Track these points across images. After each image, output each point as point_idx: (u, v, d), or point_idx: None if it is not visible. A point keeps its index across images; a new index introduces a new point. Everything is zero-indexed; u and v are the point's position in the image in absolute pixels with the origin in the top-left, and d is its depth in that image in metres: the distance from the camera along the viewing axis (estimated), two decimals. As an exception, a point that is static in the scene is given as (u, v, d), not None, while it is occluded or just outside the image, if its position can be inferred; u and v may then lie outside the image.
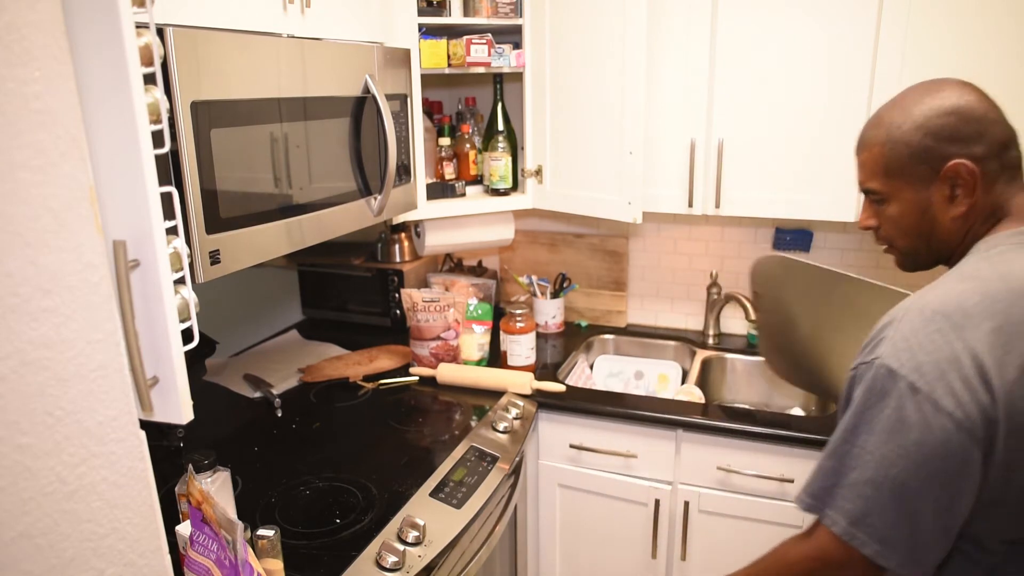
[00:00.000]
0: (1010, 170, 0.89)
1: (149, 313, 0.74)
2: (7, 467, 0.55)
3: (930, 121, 0.88)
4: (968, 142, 0.87)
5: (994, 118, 0.88)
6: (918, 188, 0.91)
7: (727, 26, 1.71)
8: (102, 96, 0.69)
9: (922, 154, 0.89)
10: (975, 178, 0.87)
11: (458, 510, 1.35)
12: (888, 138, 0.92)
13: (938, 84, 0.92)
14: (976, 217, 0.90)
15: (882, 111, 0.95)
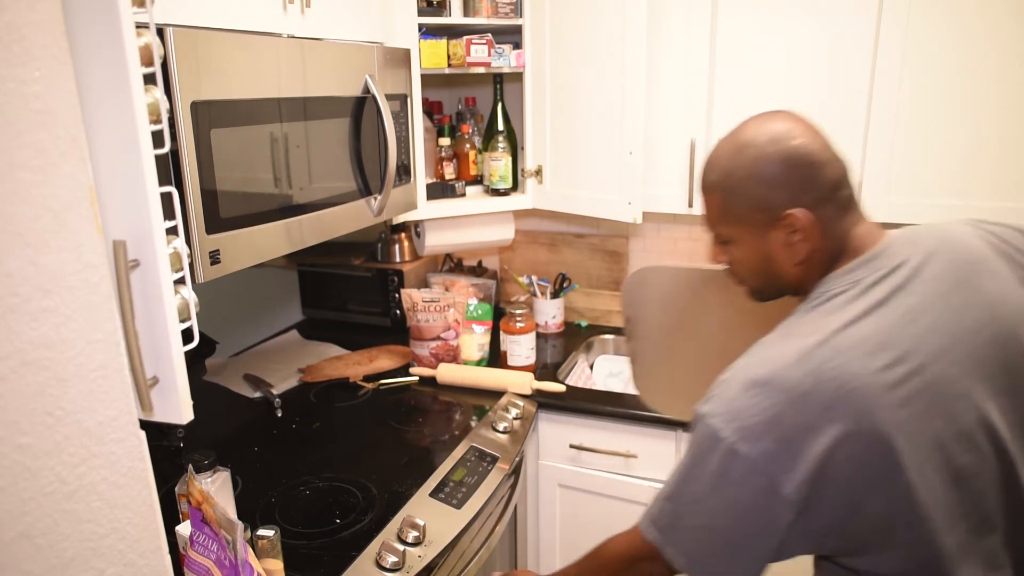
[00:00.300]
0: (845, 207, 0.90)
1: (149, 313, 0.74)
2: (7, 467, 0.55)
3: (763, 170, 0.88)
4: (801, 190, 0.88)
5: (825, 159, 0.88)
6: (758, 234, 0.92)
7: (727, 26, 1.71)
8: (102, 96, 0.69)
9: (758, 203, 0.90)
10: (811, 225, 0.88)
11: (458, 510, 1.35)
12: (725, 186, 0.92)
13: (771, 127, 0.90)
14: (818, 259, 0.91)
15: (719, 154, 0.95)
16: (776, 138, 0.88)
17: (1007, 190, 1.57)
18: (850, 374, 0.78)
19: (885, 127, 1.63)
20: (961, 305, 0.84)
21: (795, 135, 0.88)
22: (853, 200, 0.91)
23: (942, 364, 0.80)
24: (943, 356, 0.80)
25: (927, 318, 0.82)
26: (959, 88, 1.55)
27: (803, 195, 0.88)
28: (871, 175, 1.66)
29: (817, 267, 0.92)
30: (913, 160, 1.63)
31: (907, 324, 0.81)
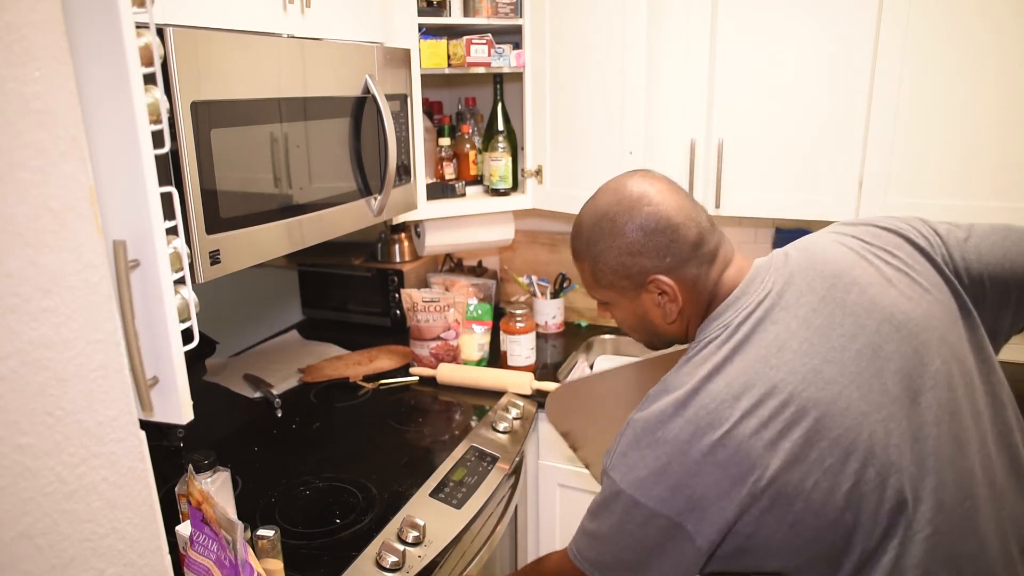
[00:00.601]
0: (709, 261, 0.93)
1: (149, 313, 0.74)
2: (7, 467, 0.55)
3: (623, 239, 0.92)
4: (661, 255, 0.91)
5: (680, 221, 0.91)
6: (630, 298, 0.96)
7: (727, 26, 1.71)
8: (102, 96, 0.69)
9: (622, 271, 0.93)
10: (675, 288, 0.92)
11: (458, 510, 1.35)
12: (590, 254, 0.96)
13: (626, 194, 0.93)
14: (690, 312, 0.95)
15: (581, 222, 0.98)
16: (631, 207, 0.92)
17: (1007, 190, 1.57)
18: (722, 420, 0.81)
19: (885, 127, 1.63)
20: (825, 323, 0.85)
21: (649, 201, 0.91)
22: (716, 250, 0.94)
23: (814, 388, 0.81)
24: (815, 379, 0.82)
25: (793, 344, 0.84)
26: (959, 88, 1.55)
27: (663, 260, 0.91)
28: (871, 175, 1.66)
29: (693, 318, 0.96)
30: (913, 160, 1.63)
31: (771, 356, 0.83)
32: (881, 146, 1.64)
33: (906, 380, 0.84)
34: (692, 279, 0.92)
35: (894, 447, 0.81)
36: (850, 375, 0.83)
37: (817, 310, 0.86)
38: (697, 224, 0.92)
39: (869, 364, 0.84)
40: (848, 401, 0.81)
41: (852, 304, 0.87)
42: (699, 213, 0.94)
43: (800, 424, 0.80)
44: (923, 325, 0.87)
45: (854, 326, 0.85)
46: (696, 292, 0.93)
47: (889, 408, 0.82)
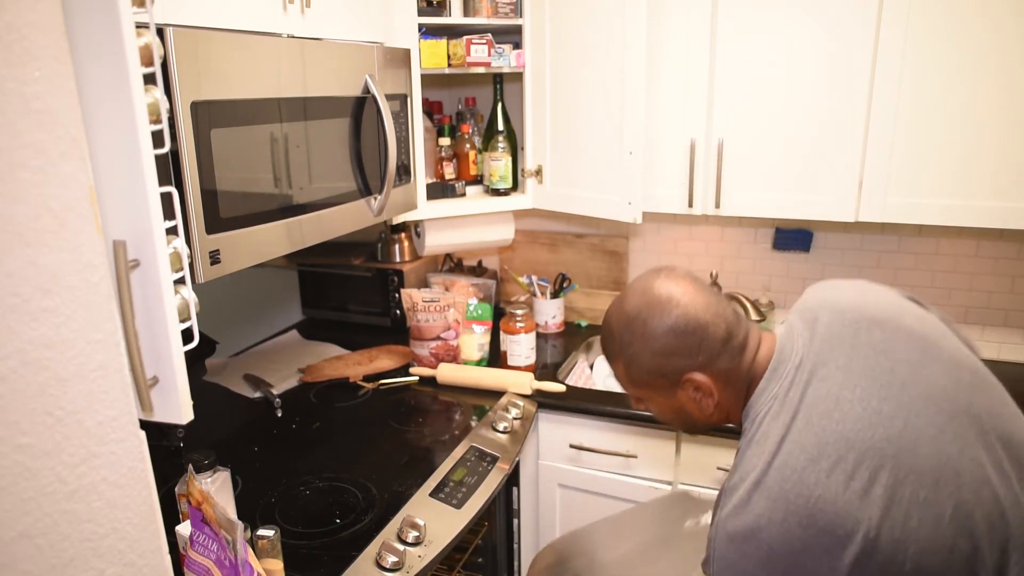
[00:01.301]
0: (740, 351, 0.95)
1: (149, 313, 0.74)
2: (7, 467, 0.55)
3: (655, 341, 0.94)
4: (692, 354, 0.93)
5: (708, 320, 0.93)
6: (667, 394, 0.98)
7: (727, 26, 1.71)
8: (102, 96, 0.69)
9: (656, 371, 0.96)
10: (710, 384, 0.94)
11: (458, 510, 1.35)
12: (624, 356, 0.98)
13: (654, 296, 0.95)
14: (730, 402, 0.97)
15: (612, 325, 1.00)
16: (660, 310, 0.94)
17: (1007, 190, 1.57)
18: (809, 486, 0.80)
19: (885, 127, 1.63)
20: (866, 365, 0.88)
21: (677, 303, 0.94)
22: (746, 340, 0.96)
23: (883, 429, 0.83)
24: (879, 420, 0.84)
25: (846, 394, 0.86)
26: (959, 88, 1.55)
27: (695, 358, 0.94)
28: (871, 175, 1.66)
29: (733, 406, 0.97)
30: (913, 160, 1.63)
31: (833, 411, 0.84)
32: (881, 146, 1.64)
33: (952, 395, 0.86)
34: (726, 372, 0.95)
35: (971, 460, 0.82)
36: (907, 406, 0.84)
37: (853, 357, 0.89)
38: (724, 319, 0.95)
39: (918, 391, 0.86)
40: (917, 432, 0.83)
41: (879, 341, 0.90)
42: (724, 308, 0.96)
43: (884, 468, 0.81)
44: (940, 341, 0.92)
45: (889, 360, 0.88)
46: (732, 383, 0.95)
47: (951, 426, 0.84)
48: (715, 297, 0.96)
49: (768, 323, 2.10)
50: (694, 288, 0.96)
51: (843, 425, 0.83)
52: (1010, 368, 1.91)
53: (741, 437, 0.94)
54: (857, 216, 1.70)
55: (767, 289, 2.15)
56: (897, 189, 1.65)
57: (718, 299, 0.96)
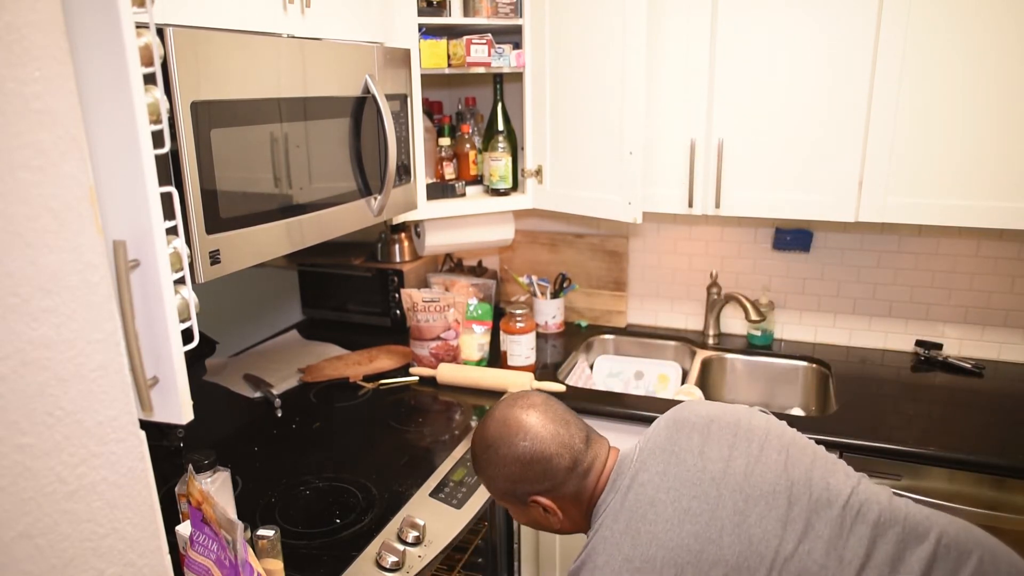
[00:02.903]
0: (584, 475, 1.05)
1: (149, 313, 0.74)
2: (7, 467, 0.55)
3: (505, 468, 1.05)
4: (539, 481, 1.04)
5: (553, 451, 1.03)
6: (520, 509, 1.10)
7: (727, 26, 1.71)
8: (102, 96, 0.69)
9: (508, 492, 1.07)
10: (554, 505, 1.05)
11: (458, 510, 1.35)
12: (483, 475, 1.10)
13: (508, 427, 1.05)
14: (576, 514, 1.07)
15: (474, 448, 1.10)
16: (510, 440, 1.04)
17: (1007, 190, 1.57)
18: None
19: (885, 127, 1.63)
20: (679, 470, 0.99)
21: (525, 435, 1.04)
22: (591, 465, 1.05)
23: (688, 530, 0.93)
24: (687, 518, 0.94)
25: (660, 495, 0.97)
26: (959, 88, 1.55)
27: (541, 484, 1.04)
28: (871, 175, 1.66)
29: (580, 518, 1.08)
30: (913, 160, 1.63)
31: (646, 515, 0.95)
32: (881, 146, 1.64)
33: (759, 478, 0.96)
34: (572, 494, 1.05)
35: (775, 537, 0.91)
36: (714, 500, 0.94)
37: (670, 461, 1.00)
38: (570, 450, 1.04)
39: (728, 483, 0.95)
40: (721, 523, 0.92)
41: (696, 444, 1.01)
42: (573, 436, 1.05)
43: (689, 563, 0.90)
44: (753, 429, 1.03)
45: (703, 460, 0.99)
46: (578, 502, 1.06)
47: (756, 508, 0.93)
48: (565, 427, 1.06)
49: (768, 323, 2.10)
50: (544, 419, 1.06)
51: (655, 527, 0.94)
52: (1010, 368, 1.91)
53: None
54: (857, 216, 1.70)
55: (767, 289, 2.15)
56: (897, 189, 1.65)
57: (568, 429, 1.06)
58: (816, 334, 2.14)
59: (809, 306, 2.12)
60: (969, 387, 1.81)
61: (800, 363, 2.04)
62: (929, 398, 1.75)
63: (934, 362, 1.95)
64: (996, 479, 1.48)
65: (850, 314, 2.09)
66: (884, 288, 2.03)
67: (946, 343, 1.99)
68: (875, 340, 2.08)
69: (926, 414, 1.66)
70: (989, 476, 1.48)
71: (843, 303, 2.09)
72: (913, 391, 1.79)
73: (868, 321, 2.07)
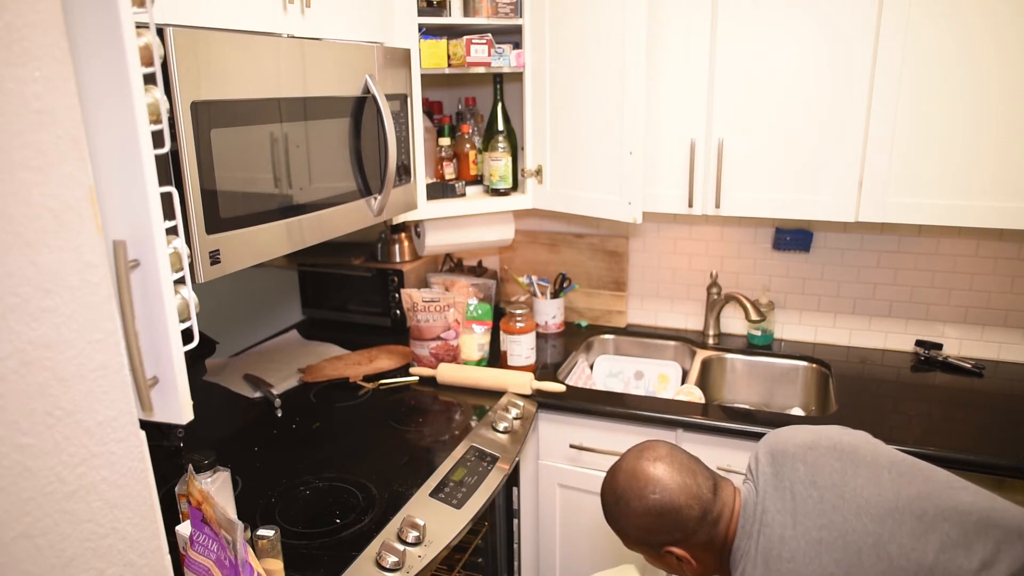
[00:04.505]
0: (715, 523, 1.07)
1: (149, 313, 0.74)
2: (7, 467, 0.55)
3: (637, 519, 1.08)
4: (669, 531, 1.06)
5: (683, 502, 1.06)
6: (655, 558, 1.12)
7: (727, 26, 1.71)
8: (102, 96, 0.69)
9: (641, 543, 1.10)
10: (687, 555, 1.08)
11: (458, 510, 1.35)
12: (614, 525, 1.13)
13: (637, 479, 1.08)
14: (710, 564, 1.10)
15: (605, 496, 1.14)
16: (639, 494, 1.07)
17: (1007, 190, 1.57)
18: None
19: (885, 127, 1.63)
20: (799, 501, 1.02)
21: (654, 488, 1.06)
22: (720, 513, 1.08)
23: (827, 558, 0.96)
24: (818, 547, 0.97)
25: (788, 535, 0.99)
26: (959, 87, 1.55)
27: (673, 535, 1.07)
28: (871, 175, 1.66)
29: (715, 566, 1.10)
30: (913, 160, 1.63)
31: (780, 554, 0.98)
32: (881, 146, 1.64)
33: (878, 499, 0.99)
34: (704, 543, 1.07)
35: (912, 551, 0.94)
36: (840, 526, 0.97)
37: (785, 498, 1.03)
38: (699, 500, 1.07)
39: (848, 508, 0.98)
40: (857, 546, 0.95)
41: (804, 475, 1.04)
42: (700, 486, 1.08)
43: None
44: (856, 451, 1.06)
45: (817, 490, 1.02)
46: (710, 550, 1.08)
47: (885, 528, 0.96)
48: (693, 477, 1.08)
49: (768, 323, 2.10)
50: (671, 470, 1.08)
51: (793, 563, 0.97)
52: (1010, 368, 1.91)
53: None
54: (857, 216, 1.70)
55: (767, 289, 2.15)
56: (897, 189, 1.65)
57: (696, 479, 1.08)
58: (816, 334, 2.14)
59: (809, 306, 2.12)
60: (969, 387, 1.81)
61: (800, 363, 2.04)
62: (929, 398, 1.75)
63: (934, 362, 1.95)
64: (996, 479, 1.48)
65: (850, 314, 2.09)
66: (884, 288, 2.03)
67: (946, 343, 1.99)
68: (875, 340, 2.08)
69: (926, 414, 1.66)
70: (989, 476, 1.48)
71: (843, 303, 2.09)
72: (913, 391, 1.79)
73: (868, 321, 2.07)
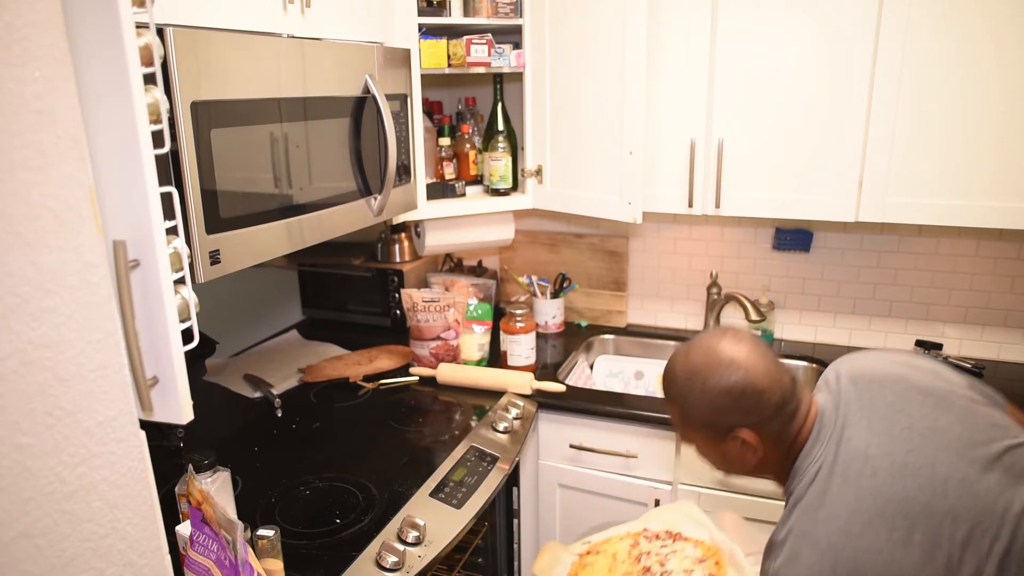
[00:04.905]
0: (791, 417, 1.03)
1: (149, 313, 0.74)
2: (7, 467, 0.55)
3: (709, 399, 1.02)
4: (746, 414, 1.01)
5: (766, 386, 1.00)
6: (714, 442, 1.06)
7: (727, 25, 1.71)
8: (102, 96, 0.69)
9: (709, 422, 1.04)
10: (757, 442, 1.02)
11: (458, 510, 1.35)
12: (682, 403, 1.06)
13: (719, 357, 1.02)
14: (771, 458, 1.05)
15: (674, 373, 1.07)
16: (722, 370, 1.01)
17: (1007, 190, 1.57)
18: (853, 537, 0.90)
19: (885, 127, 1.63)
20: (887, 424, 0.98)
21: (738, 367, 1.01)
22: (797, 408, 1.03)
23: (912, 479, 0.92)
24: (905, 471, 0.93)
25: (871, 450, 0.95)
26: (959, 88, 1.55)
27: (748, 418, 1.01)
28: (871, 175, 1.66)
29: (774, 463, 1.06)
30: (913, 160, 1.63)
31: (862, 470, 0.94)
32: (881, 146, 1.64)
33: (968, 441, 0.95)
34: (774, 434, 1.02)
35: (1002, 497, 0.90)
36: (931, 456, 0.93)
37: (872, 418, 0.99)
38: (781, 387, 1.01)
39: (938, 442, 0.95)
40: (944, 479, 0.91)
41: (893, 402, 1.00)
42: (783, 375, 1.03)
43: (920, 515, 0.89)
44: (949, 393, 1.02)
45: (907, 418, 0.98)
46: (778, 444, 1.03)
47: (974, 469, 0.92)
48: (775, 365, 1.03)
49: (768, 323, 2.10)
50: (757, 354, 1.03)
51: (875, 480, 0.92)
52: (1010, 368, 1.91)
53: (786, 496, 1.02)
54: (857, 216, 1.70)
55: (767, 289, 2.15)
56: (897, 189, 1.65)
57: (778, 367, 1.03)
58: (816, 334, 2.14)
59: (809, 306, 2.12)
60: (969, 387, 1.81)
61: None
62: (929, 398, 1.75)
63: (934, 362, 1.95)
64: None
65: (850, 314, 2.09)
66: (884, 288, 2.03)
67: (946, 343, 1.99)
68: (875, 340, 2.08)
69: (926, 414, 1.66)
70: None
71: (843, 303, 2.09)
72: (913, 391, 1.79)
73: (868, 321, 2.07)
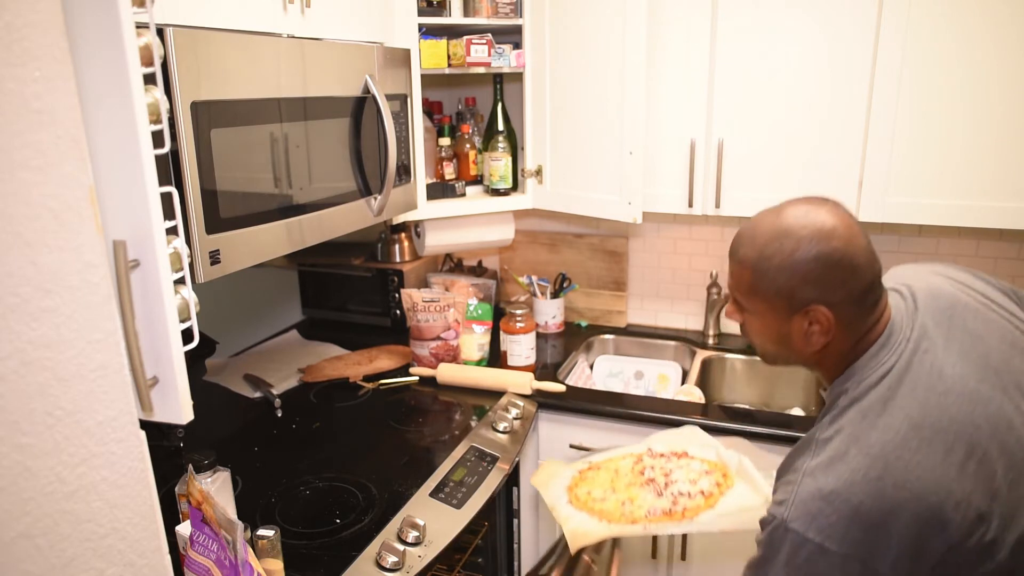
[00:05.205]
0: (871, 308, 0.93)
1: (149, 313, 0.74)
2: (7, 467, 0.55)
3: (797, 264, 0.90)
4: (831, 289, 0.90)
5: (861, 263, 0.90)
6: (779, 317, 0.94)
7: (727, 26, 1.71)
8: (102, 96, 0.69)
9: (785, 291, 0.92)
10: (831, 323, 0.91)
11: (458, 510, 1.35)
12: (757, 266, 0.93)
13: (816, 221, 0.91)
14: (834, 349, 0.95)
15: (759, 232, 0.95)
16: (819, 235, 0.89)
17: (1007, 190, 1.57)
18: (910, 450, 0.83)
19: (885, 127, 1.63)
20: (963, 349, 0.91)
21: (839, 237, 0.89)
22: (878, 301, 0.94)
23: (981, 406, 0.86)
24: (977, 399, 0.87)
25: (947, 370, 0.89)
26: (959, 88, 1.55)
27: (831, 294, 0.90)
28: (871, 175, 1.66)
29: (833, 354, 0.95)
30: (913, 160, 1.63)
31: (936, 384, 0.87)
32: (881, 146, 1.64)
33: None
34: (849, 320, 0.92)
35: None
36: (1001, 390, 0.88)
37: (950, 338, 0.92)
38: (873, 271, 0.92)
39: (1010, 379, 0.89)
40: (1010, 416, 0.86)
41: (972, 328, 0.94)
42: (877, 260, 0.93)
43: (980, 445, 0.83)
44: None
45: (984, 346, 0.92)
46: (849, 332, 0.93)
47: None
48: (872, 247, 0.93)
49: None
50: (858, 229, 0.92)
51: (945, 398, 0.86)
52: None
53: (837, 394, 0.93)
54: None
55: (767, 289, 2.15)
56: (897, 189, 1.65)
57: (873, 249, 0.93)
58: (816, 334, 2.14)
59: (809, 306, 2.12)
60: (969, 387, 1.81)
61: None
62: (929, 398, 1.75)
63: (934, 362, 1.95)
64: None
65: (850, 314, 2.08)
66: (884, 288, 2.03)
67: (946, 343, 1.99)
68: (875, 340, 2.08)
69: (926, 414, 1.66)
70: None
71: (843, 303, 2.08)
72: (913, 391, 1.79)
73: (868, 321, 2.07)
